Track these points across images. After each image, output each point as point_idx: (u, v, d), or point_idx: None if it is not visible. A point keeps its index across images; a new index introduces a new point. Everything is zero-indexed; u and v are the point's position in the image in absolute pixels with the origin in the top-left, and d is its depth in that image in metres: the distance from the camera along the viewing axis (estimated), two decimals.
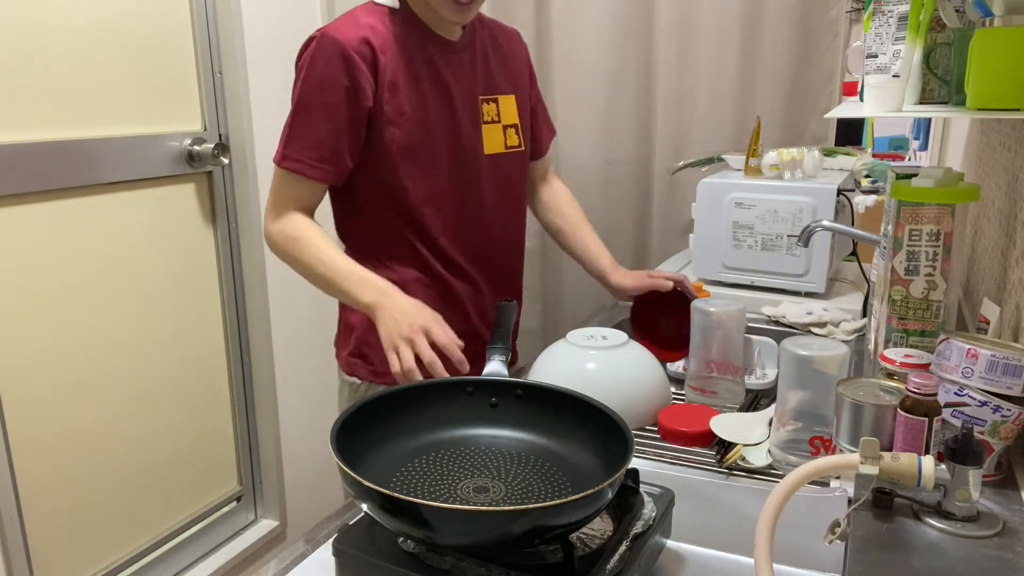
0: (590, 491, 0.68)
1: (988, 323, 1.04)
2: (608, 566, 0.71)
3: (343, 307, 1.38)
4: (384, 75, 1.21)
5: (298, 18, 2.09)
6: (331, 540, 0.79)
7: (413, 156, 1.26)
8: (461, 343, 1.11)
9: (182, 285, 1.89)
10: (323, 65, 1.18)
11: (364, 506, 0.73)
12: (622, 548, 0.73)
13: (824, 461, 0.67)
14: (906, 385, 0.77)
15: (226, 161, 1.92)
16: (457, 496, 0.79)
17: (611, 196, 2.48)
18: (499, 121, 1.37)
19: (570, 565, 0.71)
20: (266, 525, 2.15)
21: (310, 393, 2.23)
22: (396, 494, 0.69)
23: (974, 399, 0.75)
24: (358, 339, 1.34)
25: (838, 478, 0.90)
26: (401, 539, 0.77)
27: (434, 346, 1.09)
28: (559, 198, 1.55)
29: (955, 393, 0.76)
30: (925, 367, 0.88)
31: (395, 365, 1.09)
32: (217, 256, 1.98)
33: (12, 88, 1.50)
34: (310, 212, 1.27)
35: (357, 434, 0.84)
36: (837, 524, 0.65)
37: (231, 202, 1.99)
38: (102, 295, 1.70)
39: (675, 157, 2.38)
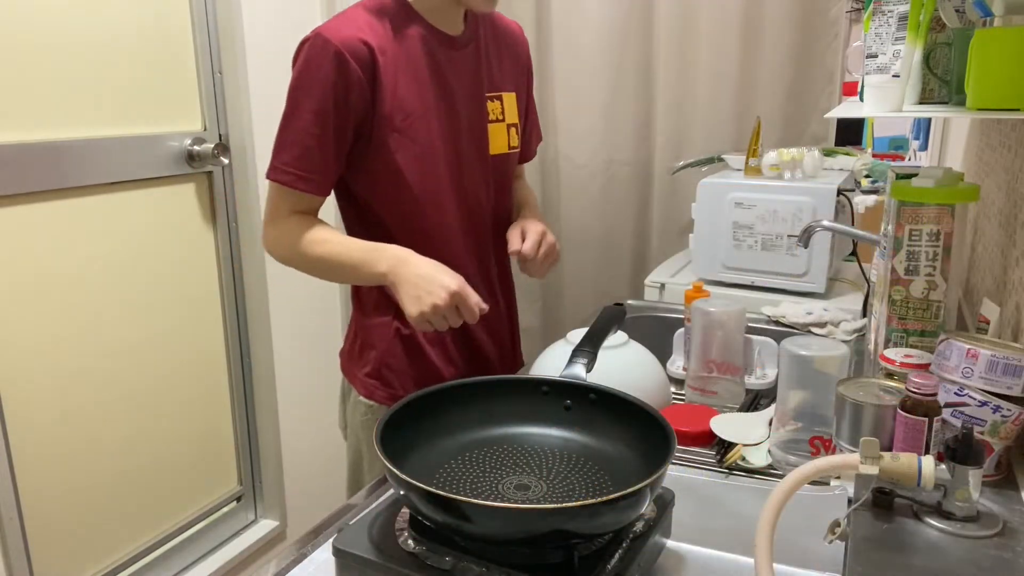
0: (603, 499, 0.68)
1: (988, 323, 1.04)
2: (608, 566, 0.71)
3: (361, 323, 1.32)
4: (383, 78, 1.14)
5: (298, 18, 2.09)
6: (331, 540, 0.79)
7: (416, 159, 1.20)
8: (485, 307, 1.12)
9: (182, 285, 1.89)
10: (316, 68, 1.12)
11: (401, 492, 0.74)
12: (622, 548, 0.74)
13: (824, 461, 0.67)
14: (906, 385, 0.77)
15: (226, 161, 1.92)
16: (498, 493, 0.80)
17: (611, 196, 2.48)
18: (503, 120, 1.31)
19: (570, 565, 0.71)
20: (266, 525, 2.14)
21: (310, 393, 2.23)
22: (408, 479, 0.70)
23: (974, 399, 0.76)
24: (378, 360, 1.29)
25: (838, 478, 0.90)
26: (401, 539, 0.77)
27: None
28: (522, 188, 1.48)
29: (955, 393, 0.77)
30: (925, 367, 0.88)
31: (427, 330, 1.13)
32: (217, 256, 1.98)
33: (12, 88, 1.50)
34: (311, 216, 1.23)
35: (409, 427, 0.85)
36: (837, 524, 0.65)
37: (231, 202, 1.99)
38: (102, 295, 1.70)
39: (675, 157, 2.38)
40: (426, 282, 1.09)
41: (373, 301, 1.29)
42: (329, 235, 1.19)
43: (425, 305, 1.08)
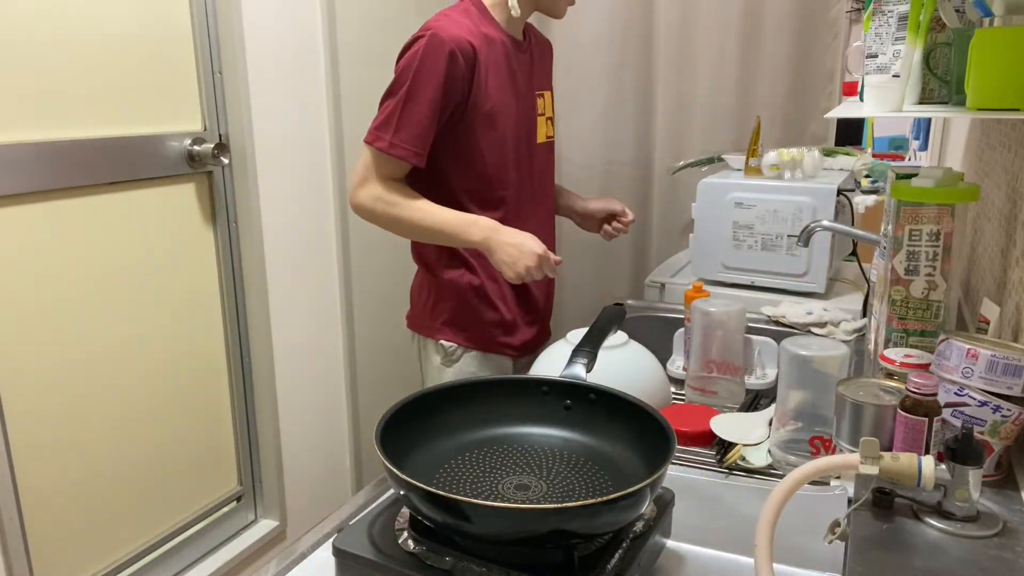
0: (601, 499, 0.68)
1: (988, 323, 1.03)
2: (608, 566, 0.71)
3: (433, 283, 1.52)
4: (479, 75, 1.36)
5: (298, 18, 2.08)
6: (331, 540, 0.79)
7: (493, 144, 1.42)
8: (560, 259, 1.38)
9: (182, 285, 1.89)
10: (433, 62, 1.32)
11: (400, 492, 0.74)
12: (622, 548, 0.74)
13: (824, 461, 0.67)
14: (906, 385, 0.77)
15: (226, 161, 1.92)
16: (498, 493, 0.80)
17: (611, 196, 2.48)
18: (544, 114, 1.54)
19: (570, 565, 0.71)
20: (266, 525, 2.14)
21: (310, 393, 2.23)
22: (408, 479, 0.70)
23: (974, 399, 0.75)
24: (454, 309, 1.51)
25: (838, 478, 0.90)
26: (401, 539, 0.77)
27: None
28: None
29: (955, 393, 0.77)
30: (925, 367, 0.88)
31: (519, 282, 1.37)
32: (217, 256, 1.98)
33: (12, 88, 1.50)
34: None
35: (409, 427, 0.85)
36: (837, 524, 0.65)
37: (231, 202, 1.98)
38: (102, 295, 1.70)
39: (675, 157, 2.38)
40: (517, 249, 1.33)
41: (444, 262, 1.50)
42: (425, 203, 1.39)
43: (520, 267, 1.33)
